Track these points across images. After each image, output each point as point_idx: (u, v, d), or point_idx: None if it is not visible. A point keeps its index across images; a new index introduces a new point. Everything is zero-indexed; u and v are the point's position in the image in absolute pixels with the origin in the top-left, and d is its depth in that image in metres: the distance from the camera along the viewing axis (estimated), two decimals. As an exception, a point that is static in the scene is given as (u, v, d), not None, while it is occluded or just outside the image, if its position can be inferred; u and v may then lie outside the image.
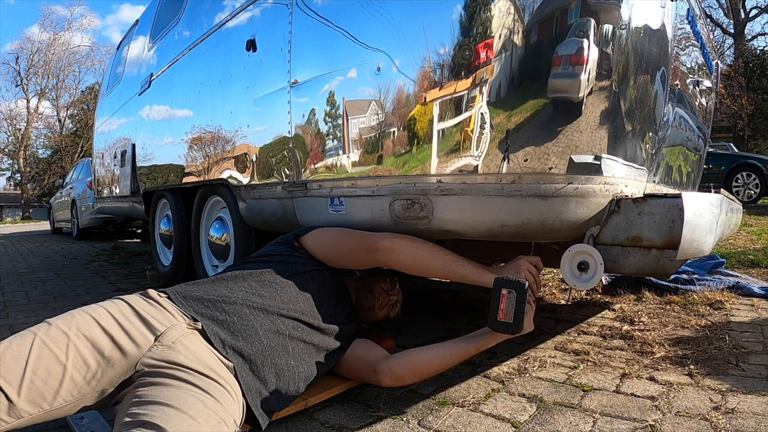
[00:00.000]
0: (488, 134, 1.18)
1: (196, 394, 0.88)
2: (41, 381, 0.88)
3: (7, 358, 0.88)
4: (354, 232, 1.35)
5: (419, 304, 2.33)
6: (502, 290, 1.08)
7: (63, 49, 32.31)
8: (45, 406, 0.89)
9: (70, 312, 1.00)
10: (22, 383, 0.87)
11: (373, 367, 1.22)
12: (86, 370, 0.92)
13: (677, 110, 1.65)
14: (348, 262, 1.33)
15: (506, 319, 1.08)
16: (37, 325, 0.96)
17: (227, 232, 2.35)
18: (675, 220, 1.14)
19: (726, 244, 3.75)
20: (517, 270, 1.18)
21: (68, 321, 0.96)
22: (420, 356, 1.21)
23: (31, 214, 31.43)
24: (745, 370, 1.40)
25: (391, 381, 1.21)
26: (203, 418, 0.83)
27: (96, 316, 0.98)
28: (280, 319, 1.13)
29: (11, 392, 0.86)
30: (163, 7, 3.32)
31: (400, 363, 1.21)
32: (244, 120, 2.02)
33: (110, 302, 1.05)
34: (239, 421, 0.95)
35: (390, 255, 1.24)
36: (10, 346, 0.90)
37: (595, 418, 1.12)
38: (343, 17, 1.53)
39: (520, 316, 1.07)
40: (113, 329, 0.97)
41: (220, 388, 0.93)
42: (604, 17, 1.17)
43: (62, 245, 6.68)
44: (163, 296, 1.10)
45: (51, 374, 0.89)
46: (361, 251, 1.29)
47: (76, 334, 0.94)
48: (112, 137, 4.23)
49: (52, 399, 0.89)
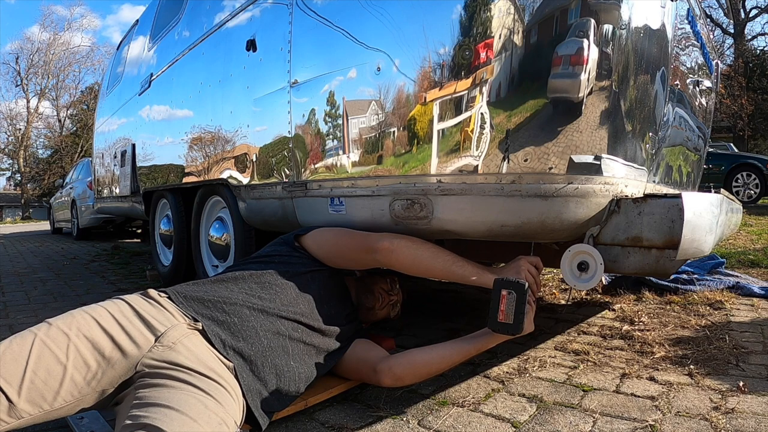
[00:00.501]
0: (488, 134, 1.18)
1: (197, 396, 0.88)
2: (41, 381, 0.88)
3: (8, 359, 0.88)
4: (354, 233, 1.35)
5: (419, 304, 2.33)
6: (502, 291, 1.08)
7: (63, 49, 32.35)
8: (45, 407, 0.89)
9: (71, 312, 1.00)
10: (22, 384, 0.87)
11: (373, 367, 1.22)
12: (86, 370, 0.92)
13: (677, 110, 1.65)
14: (348, 263, 1.33)
15: (506, 320, 1.08)
16: (37, 326, 0.96)
17: (227, 232, 2.35)
18: (675, 220, 1.14)
19: (726, 244, 3.75)
20: (517, 270, 1.18)
21: (68, 321, 0.96)
22: (420, 356, 1.21)
23: (31, 214, 31.43)
24: (745, 370, 1.40)
25: (391, 381, 1.21)
26: (204, 419, 0.83)
27: (96, 317, 0.98)
28: (281, 321, 1.13)
29: (11, 393, 0.86)
30: (163, 7, 3.32)
31: (401, 363, 1.21)
32: (244, 120, 2.02)
33: (110, 302, 1.05)
34: (239, 421, 0.95)
35: (390, 255, 1.24)
36: (11, 347, 0.90)
37: (595, 418, 1.12)
38: (343, 17, 1.53)
39: (520, 317, 1.07)
40: (113, 329, 0.97)
41: (220, 388, 0.93)
42: (604, 17, 1.17)
43: (62, 245, 6.68)
44: (164, 296, 1.10)
45: (51, 375, 0.89)
46: (361, 251, 1.29)
47: (76, 335, 0.94)
48: (112, 137, 4.23)
49: (52, 399, 0.89)
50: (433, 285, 2.81)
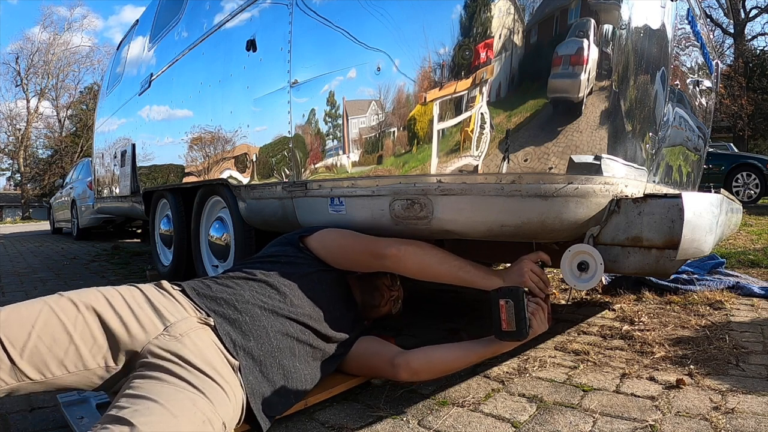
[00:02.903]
0: (488, 134, 1.18)
1: (187, 392, 0.87)
2: (46, 347, 0.88)
3: (13, 320, 0.88)
4: (360, 236, 1.35)
5: (419, 304, 2.33)
6: (499, 301, 1.09)
7: (63, 49, 32.36)
8: (47, 374, 0.88)
9: (84, 289, 1.01)
10: (26, 346, 0.87)
11: (390, 361, 1.23)
12: (93, 343, 0.92)
13: (677, 110, 1.65)
14: (353, 265, 1.34)
15: (510, 328, 1.09)
16: (48, 296, 0.96)
17: (227, 232, 2.35)
18: (675, 220, 1.14)
19: (726, 244, 3.75)
20: (520, 273, 1.19)
21: (80, 295, 0.97)
22: (438, 354, 1.22)
23: (31, 214, 31.43)
24: (745, 370, 1.40)
25: (408, 375, 1.21)
26: (187, 416, 0.82)
27: (108, 297, 0.99)
28: (290, 322, 1.13)
29: (14, 353, 0.86)
30: (163, 7, 3.32)
31: (418, 358, 1.21)
32: (244, 120, 2.02)
33: (124, 287, 1.05)
34: (231, 423, 0.95)
35: (398, 262, 1.25)
36: (18, 309, 0.91)
37: (595, 418, 1.12)
38: (343, 17, 1.53)
39: (522, 323, 1.08)
40: (123, 311, 0.97)
41: (216, 387, 0.92)
42: (604, 17, 1.17)
43: (62, 245, 6.68)
44: (177, 289, 1.10)
45: (57, 342, 0.89)
46: (368, 255, 1.29)
47: (86, 308, 0.94)
48: (112, 137, 4.23)
49: (55, 368, 0.89)
50: (433, 285, 2.80)
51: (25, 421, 1.19)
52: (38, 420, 1.20)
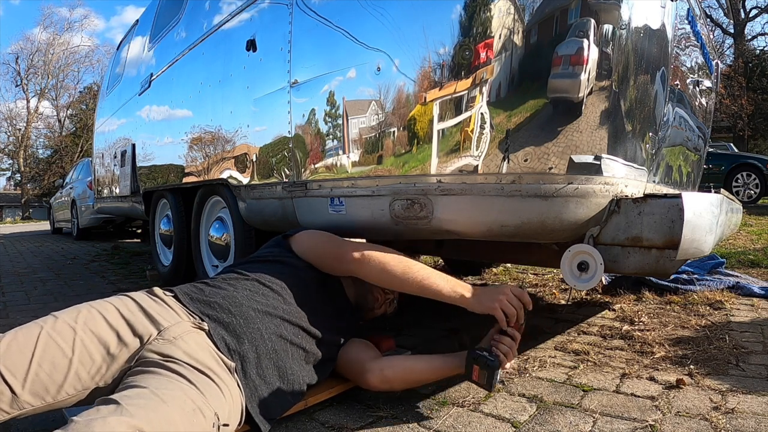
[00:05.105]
0: (488, 134, 1.18)
1: (178, 382, 0.87)
2: (46, 374, 0.88)
3: (13, 350, 0.88)
4: (333, 239, 1.32)
5: (419, 304, 2.32)
6: (474, 365, 1.11)
7: (62, 49, 32.36)
8: (48, 399, 0.89)
9: (76, 306, 1.01)
10: (27, 376, 0.87)
11: (362, 366, 1.21)
12: (91, 364, 0.92)
13: (677, 110, 1.65)
14: (325, 268, 1.30)
15: (480, 381, 1.12)
16: (43, 318, 0.96)
17: (227, 232, 2.35)
18: (675, 220, 1.14)
19: (726, 244, 3.75)
20: (493, 298, 1.11)
21: (75, 315, 0.97)
22: (412, 364, 1.21)
23: (31, 214, 31.43)
24: (745, 370, 1.40)
25: (378, 382, 1.19)
26: (177, 403, 0.81)
27: (102, 311, 0.99)
28: (284, 324, 1.13)
29: (15, 385, 0.86)
30: (163, 7, 3.32)
31: (393, 366, 1.20)
32: (244, 120, 2.02)
33: (116, 298, 1.05)
34: (229, 419, 0.94)
35: (360, 267, 1.21)
36: (16, 338, 0.91)
37: (595, 418, 1.12)
38: (342, 17, 1.53)
39: (492, 381, 1.10)
40: (119, 324, 0.97)
41: (210, 382, 0.92)
42: (604, 17, 1.17)
43: (62, 245, 6.68)
44: (169, 295, 1.10)
45: (56, 368, 0.89)
46: (332, 259, 1.27)
47: (83, 329, 0.94)
48: (112, 137, 4.23)
49: (55, 392, 0.89)
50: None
51: (25, 421, 1.19)
52: (38, 420, 1.20)
